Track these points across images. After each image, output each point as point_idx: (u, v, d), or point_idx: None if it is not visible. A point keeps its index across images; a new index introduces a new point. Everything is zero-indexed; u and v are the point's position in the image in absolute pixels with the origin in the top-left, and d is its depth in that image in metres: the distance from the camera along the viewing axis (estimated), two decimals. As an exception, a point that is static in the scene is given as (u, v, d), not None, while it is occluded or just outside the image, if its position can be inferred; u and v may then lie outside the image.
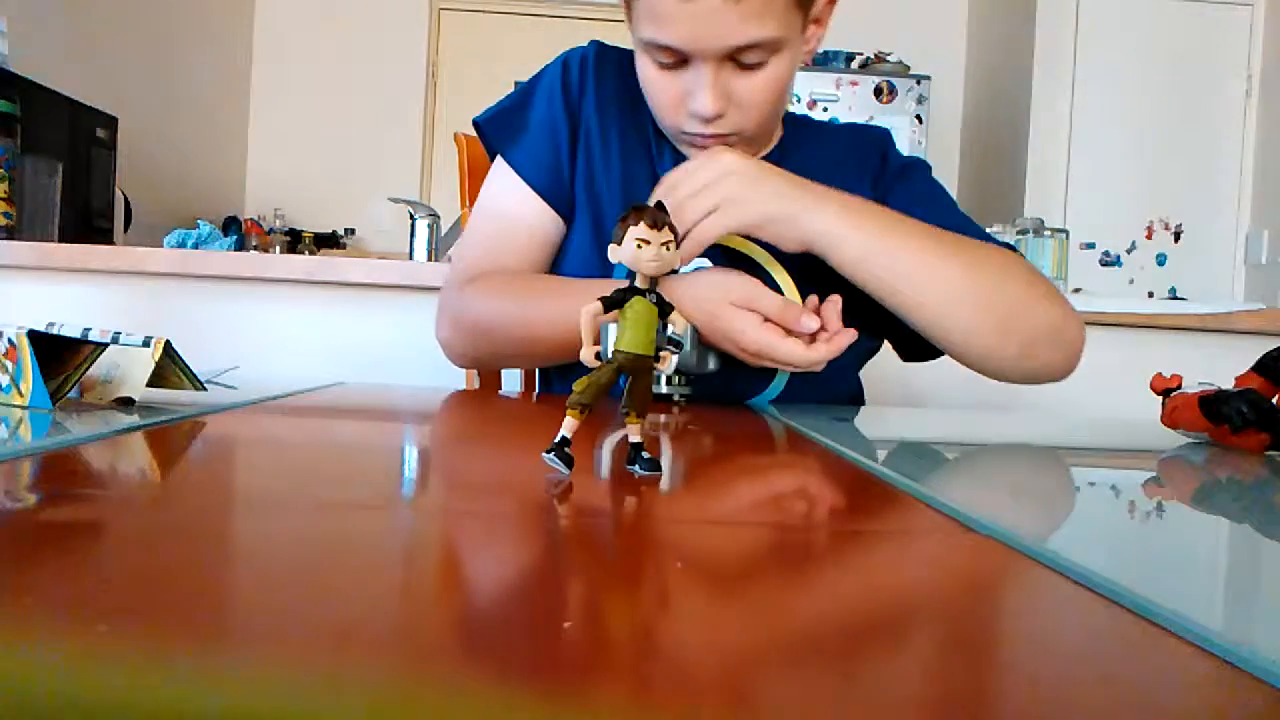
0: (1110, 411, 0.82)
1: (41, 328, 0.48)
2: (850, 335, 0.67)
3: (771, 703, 0.15)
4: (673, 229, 0.35)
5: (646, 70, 0.78)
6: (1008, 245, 0.83)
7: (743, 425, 0.62)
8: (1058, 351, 0.76)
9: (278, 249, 4.02)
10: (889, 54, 3.83)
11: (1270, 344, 0.61)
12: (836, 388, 0.84)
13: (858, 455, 0.45)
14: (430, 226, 1.80)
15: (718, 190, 0.69)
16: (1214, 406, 0.56)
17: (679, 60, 0.74)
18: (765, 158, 0.85)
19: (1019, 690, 0.17)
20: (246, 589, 0.21)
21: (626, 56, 0.85)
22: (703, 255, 0.73)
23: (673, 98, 0.76)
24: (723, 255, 0.76)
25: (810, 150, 0.87)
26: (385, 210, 4.30)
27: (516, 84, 1.01)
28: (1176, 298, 3.57)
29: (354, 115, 4.58)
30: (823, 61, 3.69)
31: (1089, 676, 0.17)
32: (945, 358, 0.79)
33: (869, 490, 0.38)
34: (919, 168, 0.88)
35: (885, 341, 0.90)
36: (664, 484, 0.36)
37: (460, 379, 1.20)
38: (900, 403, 0.94)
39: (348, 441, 0.48)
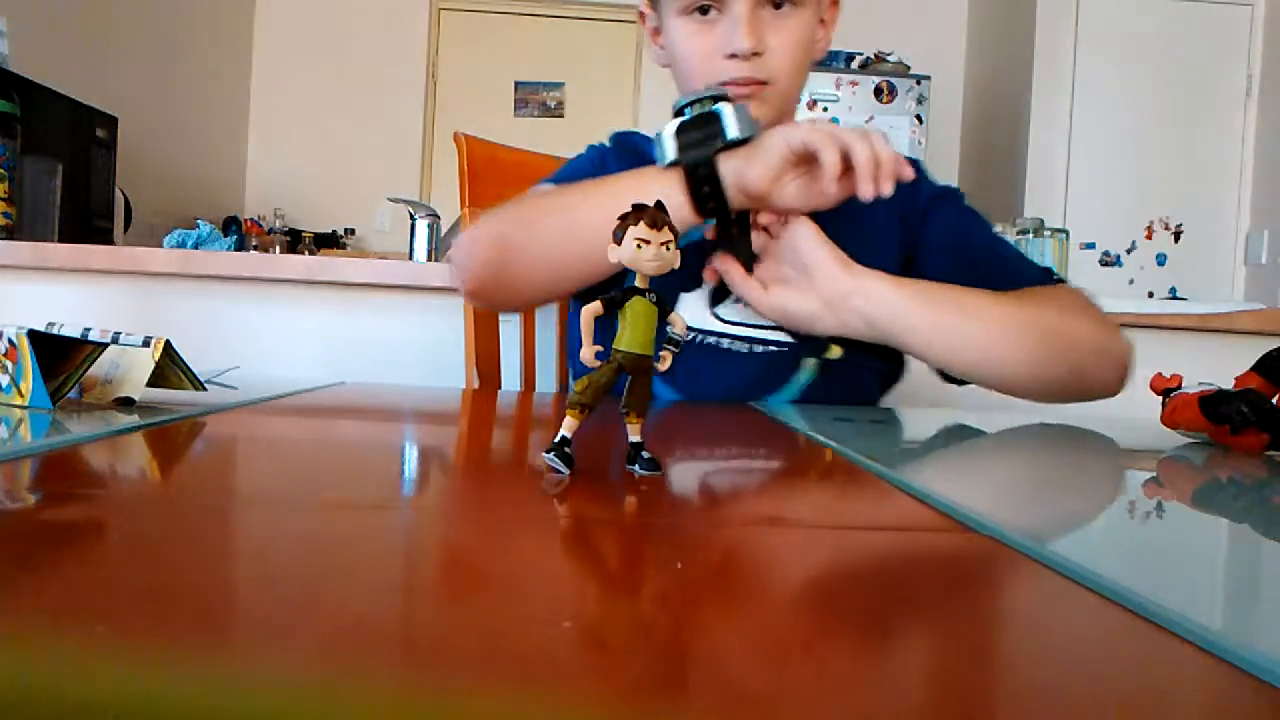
0: (1110, 411, 0.82)
1: (41, 328, 0.48)
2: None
3: (771, 702, 0.15)
4: (672, 229, 0.35)
5: (678, 36, 0.81)
6: (1047, 270, 0.83)
7: (743, 424, 0.62)
8: (1106, 367, 0.77)
9: (278, 249, 4.02)
10: (889, 54, 3.84)
11: (1270, 344, 0.61)
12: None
13: (856, 454, 0.45)
14: (430, 226, 1.80)
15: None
16: (1214, 406, 0.56)
17: (714, 5, 0.78)
18: None
19: (1017, 690, 0.17)
20: (246, 589, 0.21)
21: (640, 138, 0.93)
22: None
23: (707, 51, 0.79)
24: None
25: None
26: (385, 210, 4.31)
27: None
28: (1176, 298, 3.57)
29: (354, 115, 4.58)
30: (823, 61, 3.69)
31: (1088, 676, 0.17)
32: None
33: (867, 489, 0.38)
34: (953, 196, 0.88)
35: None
36: (664, 483, 0.36)
37: (460, 379, 1.20)
38: (900, 403, 0.94)
39: (348, 441, 0.48)
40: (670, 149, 0.71)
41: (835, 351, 0.81)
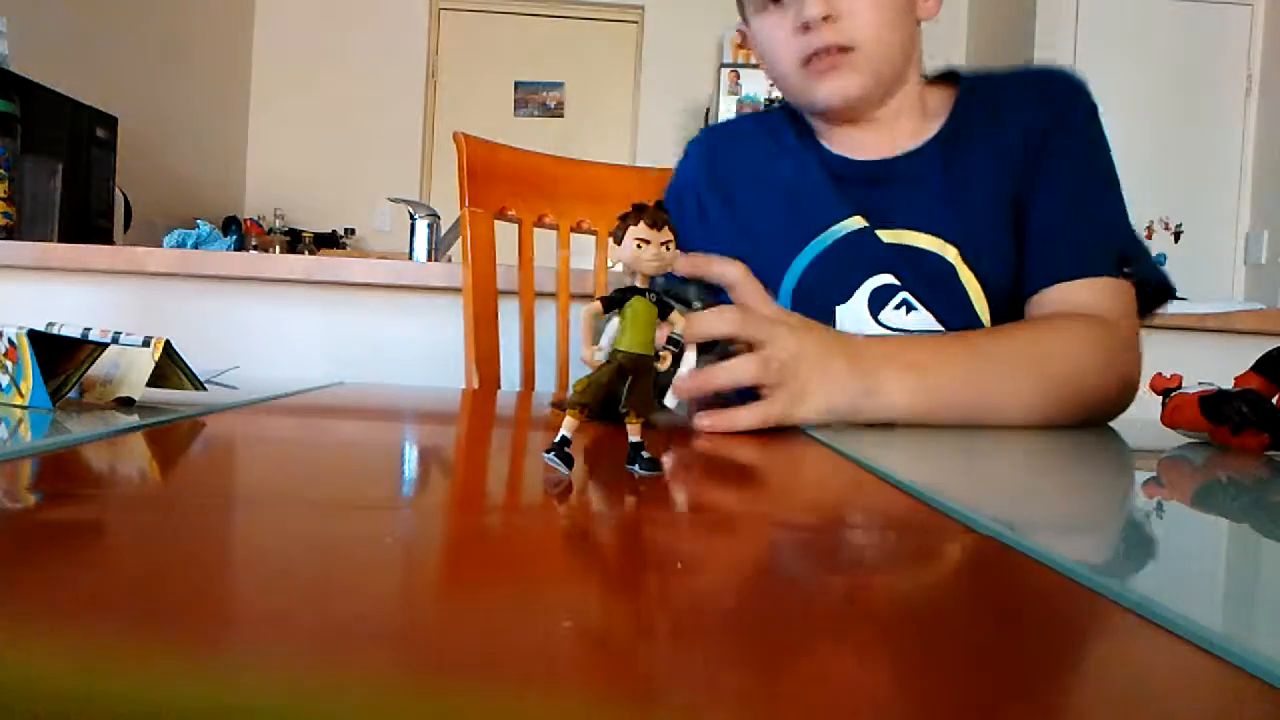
0: (1110, 411, 0.83)
1: (41, 328, 0.48)
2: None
3: (770, 703, 0.15)
4: (672, 229, 0.35)
5: (760, 33, 0.83)
6: (1123, 262, 0.83)
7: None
8: (1103, 419, 0.77)
9: (278, 249, 4.02)
10: (889, 54, 3.83)
11: (1270, 344, 0.61)
12: None
13: (855, 454, 0.45)
14: (430, 226, 1.80)
15: (785, 371, 0.58)
16: (1214, 406, 0.56)
17: None
18: (937, 135, 0.86)
19: (1014, 689, 0.17)
20: (246, 589, 0.21)
21: (734, 122, 0.98)
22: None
23: (784, 34, 0.81)
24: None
25: (979, 121, 0.86)
26: (385, 210, 4.31)
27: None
28: (1176, 298, 3.56)
29: (354, 115, 4.58)
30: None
31: (1087, 675, 0.17)
32: None
33: (867, 488, 0.38)
34: (1088, 147, 0.88)
35: None
36: (664, 484, 0.36)
37: (460, 379, 1.20)
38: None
39: (348, 441, 0.48)
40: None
41: None
